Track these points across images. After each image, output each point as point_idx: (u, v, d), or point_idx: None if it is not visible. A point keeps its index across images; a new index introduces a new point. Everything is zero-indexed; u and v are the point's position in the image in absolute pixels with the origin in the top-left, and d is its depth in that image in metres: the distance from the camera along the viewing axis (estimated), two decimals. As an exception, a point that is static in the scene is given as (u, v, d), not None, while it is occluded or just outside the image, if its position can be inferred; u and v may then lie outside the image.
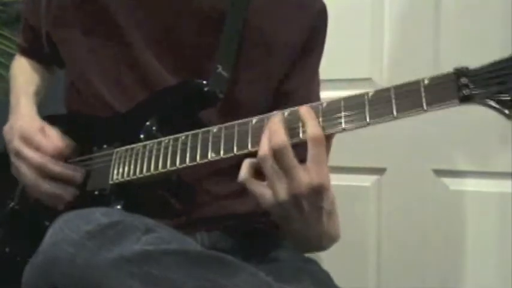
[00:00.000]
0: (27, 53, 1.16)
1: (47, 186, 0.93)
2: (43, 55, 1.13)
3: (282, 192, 0.74)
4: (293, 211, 0.76)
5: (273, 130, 0.75)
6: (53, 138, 0.95)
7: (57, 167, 0.93)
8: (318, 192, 0.74)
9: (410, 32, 1.44)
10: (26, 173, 0.93)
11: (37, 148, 0.93)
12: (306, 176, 0.73)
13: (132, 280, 0.69)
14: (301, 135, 0.76)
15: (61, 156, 0.94)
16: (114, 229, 0.73)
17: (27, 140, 0.94)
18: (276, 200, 0.75)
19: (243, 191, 1.02)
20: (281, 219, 0.79)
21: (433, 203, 1.41)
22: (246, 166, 0.77)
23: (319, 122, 0.76)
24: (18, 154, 0.94)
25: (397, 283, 1.46)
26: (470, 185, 1.39)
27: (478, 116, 1.30)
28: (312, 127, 0.74)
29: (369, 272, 1.50)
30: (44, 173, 0.92)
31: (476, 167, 1.38)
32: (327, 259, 1.50)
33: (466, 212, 1.39)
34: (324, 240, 0.84)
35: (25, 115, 1.01)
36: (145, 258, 0.70)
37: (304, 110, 0.76)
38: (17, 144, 0.94)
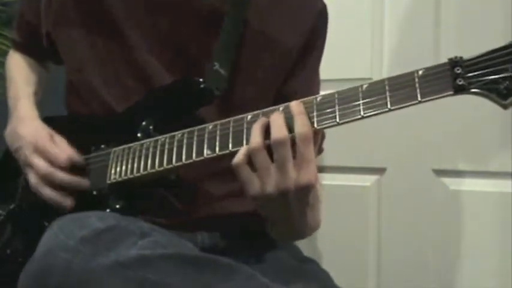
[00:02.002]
0: (22, 49, 1.16)
1: (49, 192, 0.93)
2: (38, 51, 1.13)
3: (271, 185, 0.74)
4: (278, 204, 0.76)
5: (275, 123, 0.75)
6: (64, 147, 0.95)
7: (64, 177, 0.93)
8: (306, 189, 0.74)
9: (410, 32, 1.44)
10: (33, 180, 0.94)
11: (50, 160, 0.93)
12: (295, 173, 0.73)
13: (128, 285, 0.69)
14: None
15: (71, 164, 0.94)
16: (110, 234, 0.73)
17: (39, 153, 0.94)
18: (263, 191, 0.75)
19: (243, 191, 1.03)
20: (264, 210, 0.80)
21: (433, 203, 1.41)
22: (242, 151, 0.76)
23: (312, 117, 0.76)
24: (29, 165, 0.95)
25: (397, 283, 1.46)
26: (470, 185, 1.39)
27: (478, 116, 1.31)
28: (300, 124, 0.74)
29: (369, 272, 1.50)
30: (51, 180, 0.93)
31: (476, 167, 1.38)
32: (327, 259, 1.50)
33: (466, 212, 1.39)
34: (305, 230, 0.85)
35: (27, 119, 1.02)
36: (141, 263, 0.70)
37: (295, 105, 0.76)
38: (29, 155, 0.95)
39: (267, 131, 0.76)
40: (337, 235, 1.51)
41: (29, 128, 0.99)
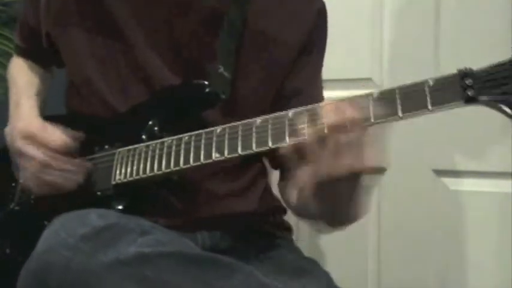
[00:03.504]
0: (26, 54, 1.16)
1: (49, 177, 0.92)
2: (42, 56, 1.13)
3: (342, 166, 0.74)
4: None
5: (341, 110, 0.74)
6: (56, 133, 0.94)
7: (60, 162, 0.92)
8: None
9: (410, 32, 1.44)
10: (30, 169, 0.93)
11: (41, 144, 0.92)
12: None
13: (128, 283, 0.69)
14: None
15: (67, 149, 0.93)
16: (110, 232, 0.73)
17: (30, 138, 0.93)
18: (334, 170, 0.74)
19: (244, 190, 1.03)
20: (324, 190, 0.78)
21: (433, 203, 1.41)
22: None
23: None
24: (22, 154, 0.94)
25: (397, 283, 1.46)
26: (470, 185, 1.39)
27: (478, 116, 1.30)
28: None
29: (368, 272, 1.50)
30: (48, 167, 0.92)
31: (477, 167, 1.38)
32: (327, 259, 1.50)
33: (466, 212, 1.39)
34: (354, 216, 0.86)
35: (25, 116, 1.01)
36: (141, 261, 0.70)
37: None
38: (20, 144, 0.94)
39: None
40: (337, 235, 1.51)
41: (22, 121, 0.99)
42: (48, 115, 1.04)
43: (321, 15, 1.07)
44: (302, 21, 1.04)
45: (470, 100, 0.71)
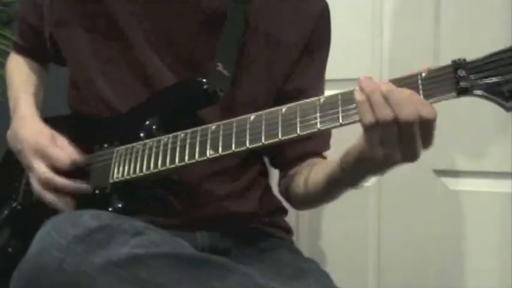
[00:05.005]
0: (24, 51, 1.16)
1: (51, 197, 0.94)
2: (42, 54, 1.13)
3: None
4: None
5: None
6: (65, 148, 0.96)
7: (60, 184, 0.93)
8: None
9: (410, 31, 1.44)
10: (34, 183, 0.95)
11: (48, 161, 0.94)
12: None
13: (121, 284, 0.69)
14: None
15: (72, 167, 0.94)
16: (102, 233, 0.73)
17: (39, 153, 0.95)
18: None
19: (244, 191, 1.03)
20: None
21: (433, 203, 1.41)
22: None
23: (315, 118, 0.76)
24: (30, 168, 0.96)
25: (397, 283, 1.45)
26: (470, 185, 1.39)
27: (478, 116, 1.30)
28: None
29: (369, 272, 1.50)
30: (51, 186, 0.94)
31: (476, 167, 1.38)
32: (327, 259, 1.50)
33: (466, 212, 1.38)
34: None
35: (27, 118, 1.01)
36: (134, 262, 0.70)
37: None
38: (30, 159, 0.96)
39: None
40: (337, 235, 1.51)
41: (29, 129, 0.99)
42: (49, 116, 1.04)
43: (324, 15, 1.07)
44: (304, 21, 1.04)
45: (462, 92, 0.70)
